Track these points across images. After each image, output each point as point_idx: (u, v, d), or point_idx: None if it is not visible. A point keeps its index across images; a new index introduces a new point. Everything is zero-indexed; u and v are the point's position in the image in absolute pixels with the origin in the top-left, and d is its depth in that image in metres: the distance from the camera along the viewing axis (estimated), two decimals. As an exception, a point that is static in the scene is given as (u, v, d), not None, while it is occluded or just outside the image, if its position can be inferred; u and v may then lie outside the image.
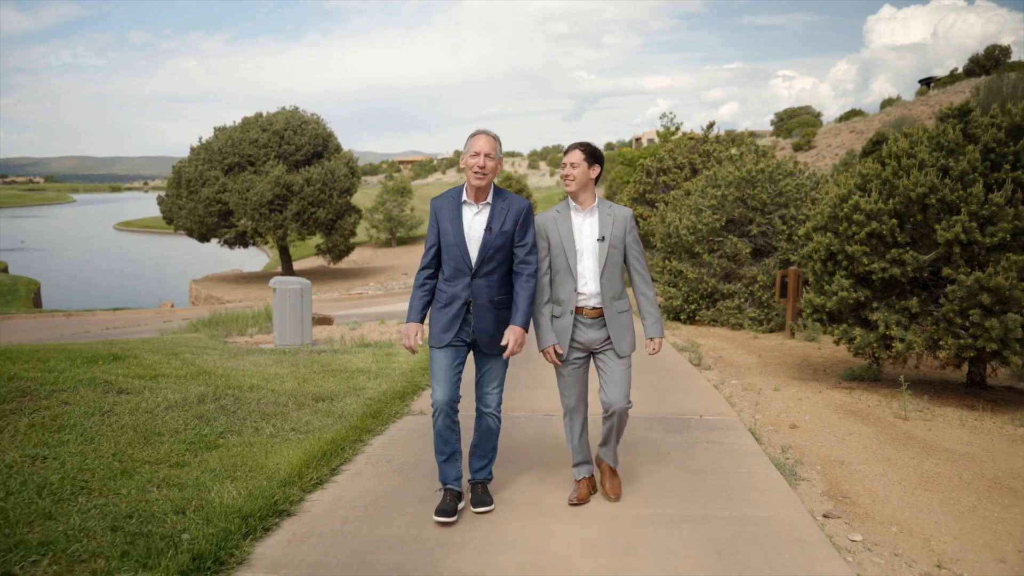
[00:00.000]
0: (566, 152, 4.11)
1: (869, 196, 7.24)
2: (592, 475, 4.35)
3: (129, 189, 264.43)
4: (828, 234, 7.53)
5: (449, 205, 4.00)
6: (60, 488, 4.01)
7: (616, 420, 4.16)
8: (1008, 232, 6.43)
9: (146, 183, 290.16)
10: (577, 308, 4.08)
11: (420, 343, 3.95)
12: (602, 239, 4.05)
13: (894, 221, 6.97)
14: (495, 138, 3.95)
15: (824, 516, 4.27)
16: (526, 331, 3.98)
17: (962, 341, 6.58)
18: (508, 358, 4.02)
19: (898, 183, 7.08)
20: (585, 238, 4.08)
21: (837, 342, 7.70)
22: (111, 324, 20.46)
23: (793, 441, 5.79)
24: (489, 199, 3.97)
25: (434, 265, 4.05)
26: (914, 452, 5.56)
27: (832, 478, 4.97)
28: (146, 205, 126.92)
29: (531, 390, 7.07)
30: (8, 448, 4.58)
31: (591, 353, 4.17)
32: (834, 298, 7.38)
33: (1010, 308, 6.29)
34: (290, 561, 3.48)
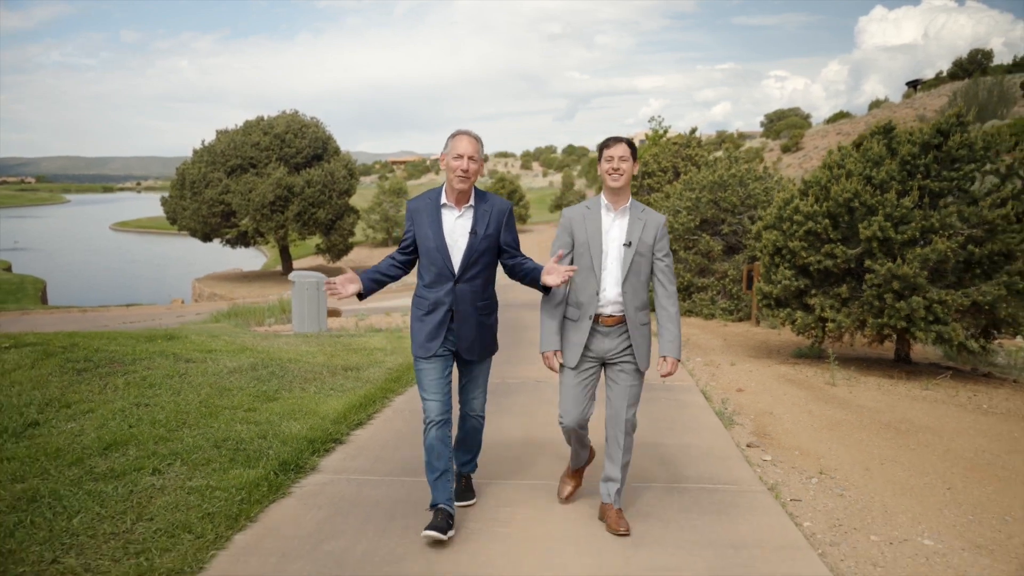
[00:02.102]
0: (609, 145, 3.79)
1: (808, 200, 8.59)
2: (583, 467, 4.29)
3: (122, 189, 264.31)
4: (775, 232, 8.88)
5: (428, 208, 3.81)
6: (167, 423, 5.32)
7: (623, 436, 3.86)
8: (917, 230, 7.79)
9: (139, 183, 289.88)
10: (595, 314, 3.82)
11: (349, 292, 3.72)
12: (628, 244, 3.77)
13: (827, 221, 8.33)
14: (477, 139, 3.78)
15: (747, 446, 5.61)
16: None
17: (881, 320, 7.95)
18: (491, 362, 4.03)
19: (832, 189, 8.43)
20: (612, 240, 3.81)
21: (783, 324, 9.06)
22: (126, 319, 21.59)
23: (737, 399, 7.13)
24: (471, 202, 3.81)
25: (403, 262, 3.92)
26: (831, 407, 6.92)
27: (760, 423, 6.31)
28: (140, 205, 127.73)
29: (524, 364, 8.37)
30: (115, 399, 5.89)
31: (604, 364, 3.91)
32: (779, 286, 8.73)
33: (915, 293, 7.66)
34: (347, 469, 4.79)
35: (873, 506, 4.42)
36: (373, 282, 3.82)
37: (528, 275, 3.87)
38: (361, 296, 3.80)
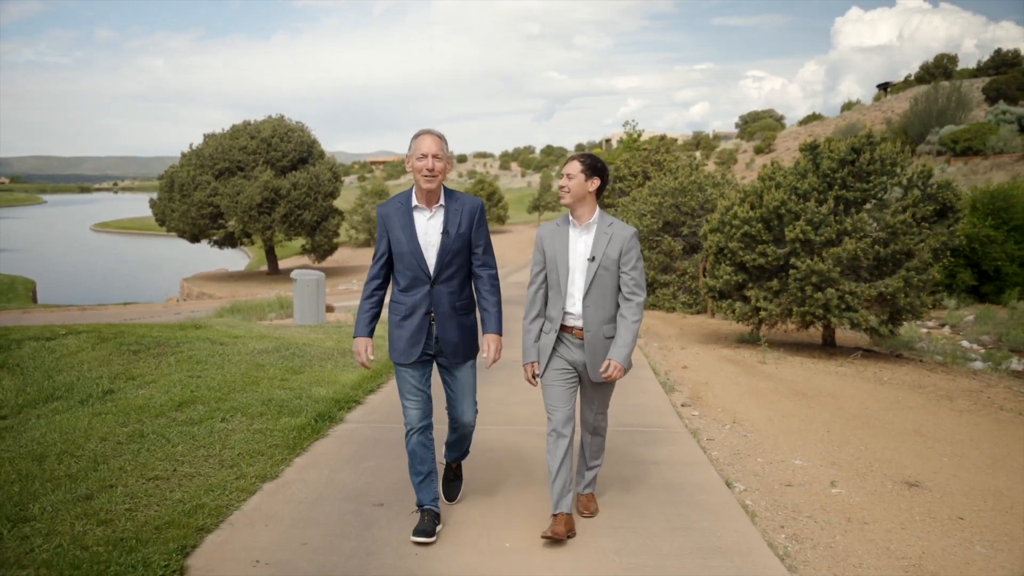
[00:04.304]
0: (566, 163, 3.92)
1: (744, 207, 10.10)
2: (570, 512, 3.94)
3: (99, 190, 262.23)
4: (718, 234, 10.38)
5: (399, 212, 3.79)
6: (220, 389, 6.68)
7: (592, 438, 4.12)
8: (833, 233, 9.31)
9: (115, 184, 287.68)
10: (564, 327, 3.93)
11: (372, 358, 3.86)
12: (592, 259, 3.83)
13: (760, 225, 9.83)
14: (441, 137, 3.73)
15: (682, 405, 7.06)
16: (501, 335, 3.94)
17: (803, 309, 9.46)
18: (475, 366, 4.00)
19: (765, 197, 9.94)
20: (578, 256, 3.88)
21: (725, 313, 10.56)
22: (126, 316, 22.69)
23: (680, 374, 8.60)
24: (441, 201, 3.79)
25: (383, 276, 3.88)
26: (757, 379, 8.40)
27: (696, 390, 7.78)
28: (119, 206, 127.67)
29: (507, 348, 9.78)
30: (171, 372, 7.24)
31: (578, 373, 4.00)
32: (721, 280, 10.23)
33: (830, 285, 9.18)
34: (368, 420, 6.18)
35: (766, 443, 5.89)
36: (374, 321, 3.94)
37: (480, 307, 3.97)
38: None
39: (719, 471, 5.10)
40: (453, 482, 4.40)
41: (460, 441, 4.19)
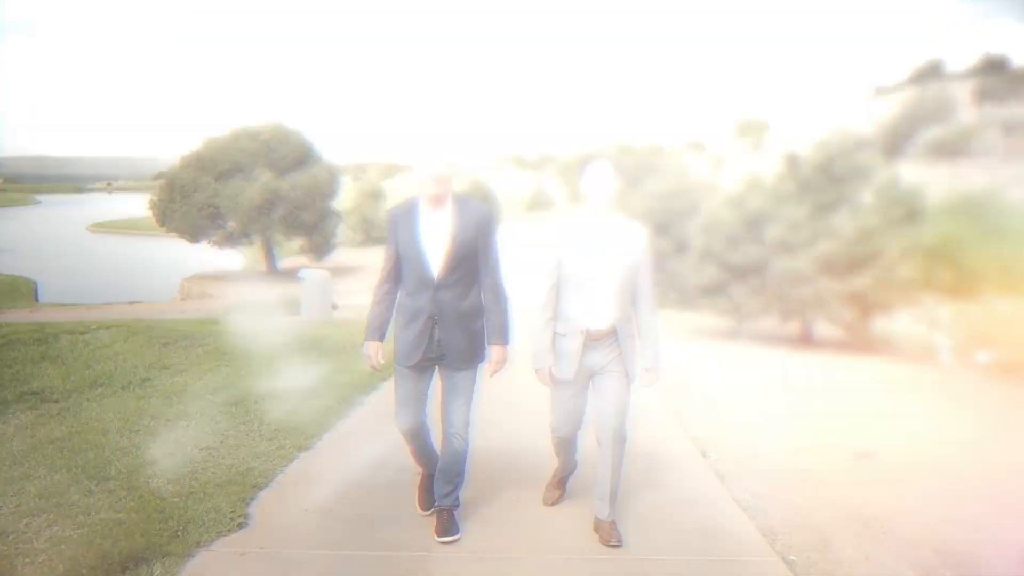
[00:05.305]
0: (595, 166, 3.93)
1: (728, 210, 10.83)
2: (568, 477, 4.55)
3: (92, 190, 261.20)
4: (704, 235, 11.11)
5: (407, 215, 3.82)
6: (248, 376, 7.36)
7: (614, 446, 3.94)
8: (810, 235, 10.04)
9: (109, 184, 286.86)
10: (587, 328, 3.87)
11: (382, 361, 3.90)
12: (619, 259, 3.83)
13: (742, 227, 10.56)
14: (447, 145, 3.80)
15: (666, 391, 7.77)
16: (506, 346, 3.96)
17: (782, 305, 10.20)
18: (477, 374, 3.95)
19: (748, 201, 10.67)
20: (607, 255, 3.84)
21: (710, 309, 11.31)
22: (134, 315, 23.30)
23: (666, 364, 9.31)
24: (450, 207, 3.79)
25: (393, 279, 3.89)
26: (738, 369, 9.13)
27: (680, 379, 8.48)
28: (114, 206, 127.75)
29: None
30: (201, 362, 7.93)
31: (592, 375, 3.98)
32: (706, 278, 10.96)
33: (807, 283, 9.93)
34: (385, 402, 6.78)
35: (740, 421, 6.63)
36: (385, 325, 3.98)
37: (487, 316, 3.96)
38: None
39: (696, 444, 5.82)
40: (447, 526, 3.91)
41: (450, 465, 3.94)
